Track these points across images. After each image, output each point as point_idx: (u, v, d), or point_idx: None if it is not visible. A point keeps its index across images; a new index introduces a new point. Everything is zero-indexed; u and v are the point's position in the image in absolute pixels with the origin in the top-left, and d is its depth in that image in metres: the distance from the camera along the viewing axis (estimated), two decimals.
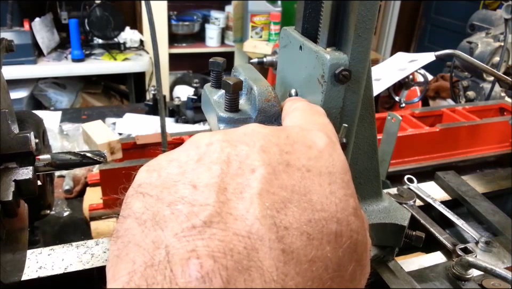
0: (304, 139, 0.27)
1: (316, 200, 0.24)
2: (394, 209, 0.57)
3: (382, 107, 1.44)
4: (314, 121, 0.32)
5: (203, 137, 0.27)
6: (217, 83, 0.44)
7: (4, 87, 0.45)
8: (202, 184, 0.24)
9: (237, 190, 0.23)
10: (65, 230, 0.87)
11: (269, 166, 0.24)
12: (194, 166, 0.25)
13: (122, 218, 0.25)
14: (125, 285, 0.20)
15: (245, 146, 0.26)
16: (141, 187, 0.25)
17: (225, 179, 0.24)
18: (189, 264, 0.20)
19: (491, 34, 1.47)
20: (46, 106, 2.62)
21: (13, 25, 2.44)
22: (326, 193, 0.25)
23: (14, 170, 0.41)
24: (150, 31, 0.74)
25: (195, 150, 0.26)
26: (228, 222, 0.22)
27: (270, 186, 0.24)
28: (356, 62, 0.39)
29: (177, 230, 0.22)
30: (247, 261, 0.20)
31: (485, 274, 0.60)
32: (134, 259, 0.22)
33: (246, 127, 0.28)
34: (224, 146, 0.26)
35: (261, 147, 0.25)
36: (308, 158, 0.26)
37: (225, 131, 0.27)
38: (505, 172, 0.97)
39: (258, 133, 0.27)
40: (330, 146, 0.28)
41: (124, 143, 0.95)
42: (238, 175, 0.24)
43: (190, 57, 3.35)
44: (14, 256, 0.45)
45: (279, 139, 0.27)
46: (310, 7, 0.43)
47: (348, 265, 0.24)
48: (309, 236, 0.22)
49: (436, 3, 3.85)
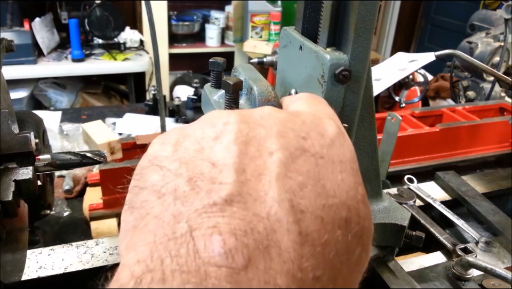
0: (317, 127, 0.27)
1: (329, 187, 0.24)
2: (394, 209, 0.57)
3: (382, 107, 1.44)
4: (321, 109, 0.32)
5: (219, 115, 0.27)
6: (217, 83, 0.44)
7: (4, 87, 0.45)
8: (222, 162, 0.24)
9: (255, 172, 0.24)
10: (65, 230, 0.87)
11: (286, 150, 0.25)
12: (211, 144, 0.25)
13: (138, 188, 0.25)
14: (148, 255, 0.20)
15: (263, 129, 0.26)
16: (157, 159, 0.25)
17: (243, 160, 0.24)
18: (212, 240, 0.20)
19: (491, 34, 1.47)
20: (46, 106, 2.62)
21: (13, 25, 2.44)
22: (337, 181, 0.25)
23: (14, 170, 0.41)
24: (150, 31, 0.74)
25: (211, 127, 0.26)
26: (248, 202, 0.22)
27: (288, 170, 0.24)
28: (355, 62, 0.39)
29: (198, 206, 0.22)
30: (266, 241, 0.21)
31: (485, 274, 0.60)
32: (154, 231, 0.22)
33: (262, 109, 0.28)
34: (242, 127, 0.26)
35: (278, 131, 0.26)
36: (321, 145, 0.26)
37: (241, 112, 0.27)
38: (505, 172, 0.97)
39: (275, 117, 0.27)
40: (341, 135, 0.28)
41: (123, 143, 0.95)
42: (256, 157, 0.24)
43: (190, 57, 3.35)
44: (14, 256, 0.45)
45: (295, 124, 0.27)
46: (310, 7, 0.43)
47: (355, 250, 0.24)
48: (322, 220, 0.23)
49: (436, 3, 3.85)
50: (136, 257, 0.21)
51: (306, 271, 0.21)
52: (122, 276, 0.20)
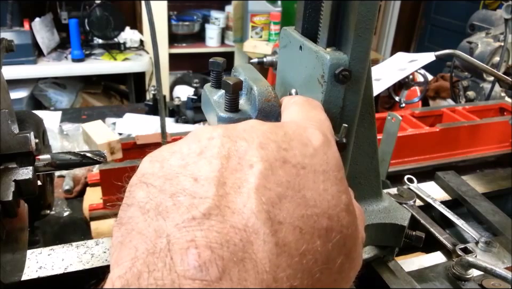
0: (301, 137, 0.28)
1: (310, 197, 0.25)
2: (394, 209, 0.57)
3: (382, 107, 1.44)
4: (312, 117, 0.33)
5: (205, 131, 0.28)
6: (217, 83, 0.44)
7: (4, 87, 0.45)
8: (203, 177, 0.24)
9: (235, 185, 0.24)
10: (65, 230, 0.87)
11: (266, 162, 0.25)
12: (195, 159, 0.26)
13: (126, 205, 0.26)
14: (128, 270, 0.21)
15: (244, 142, 0.26)
16: (145, 177, 0.26)
17: (224, 174, 0.25)
18: (188, 253, 0.21)
19: (491, 34, 1.47)
20: (46, 106, 2.62)
21: (13, 25, 2.44)
22: (319, 190, 0.26)
23: (14, 170, 0.41)
24: (150, 31, 0.74)
25: (197, 143, 0.27)
26: (226, 215, 0.23)
27: (267, 181, 0.24)
28: (355, 62, 0.39)
29: (178, 221, 0.22)
30: (242, 253, 0.21)
31: (485, 274, 0.60)
32: (136, 246, 0.22)
33: (246, 123, 0.29)
34: (224, 141, 0.26)
35: (259, 143, 0.26)
36: (303, 155, 0.27)
37: (226, 127, 0.28)
38: (505, 172, 0.97)
39: (257, 129, 0.28)
40: (325, 144, 0.28)
41: (123, 143, 0.95)
42: (237, 170, 0.25)
43: (190, 57, 3.35)
44: (14, 256, 0.45)
45: (277, 136, 0.27)
46: (310, 7, 0.43)
47: (337, 258, 0.25)
48: (301, 230, 0.24)
49: (436, 3, 3.85)
50: (118, 272, 0.21)
51: (281, 281, 0.22)
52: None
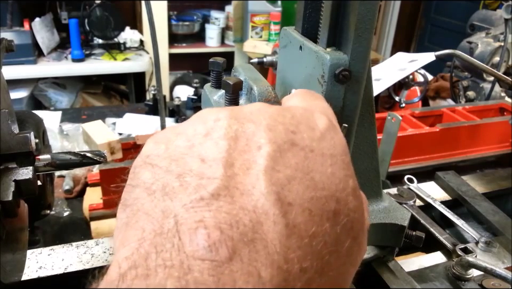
0: (308, 120, 0.28)
1: (318, 179, 0.25)
2: (394, 209, 0.57)
3: (382, 107, 1.43)
4: (316, 104, 0.33)
5: (210, 112, 0.27)
6: (217, 83, 0.44)
7: (4, 87, 0.45)
8: (210, 158, 0.24)
9: (243, 166, 0.24)
10: (65, 230, 0.87)
11: (275, 144, 0.25)
12: (201, 140, 0.25)
13: (131, 187, 0.25)
14: (135, 251, 0.21)
15: (252, 124, 0.26)
16: (149, 158, 0.26)
17: (232, 155, 0.24)
18: (197, 234, 0.21)
19: (491, 34, 1.47)
20: (46, 106, 2.62)
21: (13, 25, 2.44)
22: (327, 174, 0.25)
23: (14, 170, 0.41)
24: (150, 31, 0.74)
25: (202, 124, 0.26)
26: (235, 196, 0.22)
27: (276, 163, 0.24)
28: (355, 62, 0.39)
29: (185, 201, 0.22)
30: (252, 233, 0.21)
31: (485, 274, 0.60)
32: (143, 227, 0.22)
33: (252, 105, 0.28)
34: (231, 123, 0.26)
35: (267, 125, 0.26)
36: (311, 138, 0.26)
37: (232, 109, 0.28)
38: (505, 172, 0.97)
39: (265, 112, 0.27)
40: (332, 128, 0.28)
41: (123, 143, 0.95)
42: (245, 151, 0.25)
43: (190, 57, 3.35)
44: (14, 256, 0.45)
45: (285, 118, 0.27)
46: (310, 7, 0.43)
47: (345, 241, 0.25)
48: (310, 212, 0.23)
49: (436, 3, 3.85)
50: (125, 253, 0.21)
51: (292, 263, 0.22)
52: (110, 272, 0.21)
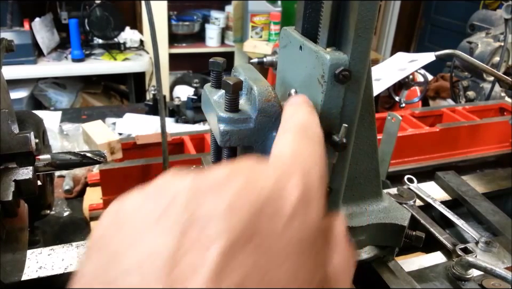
0: (277, 200, 0.24)
1: (278, 279, 0.22)
2: (394, 209, 0.57)
3: (382, 107, 1.43)
4: (302, 154, 0.28)
5: (172, 182, 0.24)
6: (217, 83, 0.44)
7: (4, 87, 0.45)
8: (153, 256, 0.21)
9: (189, 267, 0.21)
10: (65, 230, 0.87)
11: (230, 238, 0.22)
12: (152, 227, 0.23)
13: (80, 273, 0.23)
14: None
15: (212, 204, 0.23)
16: (99, 243, 0.24)
17: (178, 253, 0.21)
18: None
19: (491, 34, 1.47)
20: (46, 106, 2.62)
21: (13, 25, 2.44)
22: (288, 273, 0.22)
23: (14, 170, 0.41)
24: (150, 31, 0.74)
25: (160, 200, 0.24)
26: None
27: (227, 264, 0.21)
28: (356, 62, 0.39)
29: None
30: None
31: (485, 274, 0.60)
32: None
33: (222, 171, 0.25)
34: (188, 202, 0.23)
35: (228, 207, 0.23)
36: (274, 228, 0.23)
37: (195, 178, 0.24)
38: (505, 172, 0.97)
39: (233, 184, 0.24)
40: (305, 204, 0.25)
41: (124, 143, 0.95)
42: (194, 247, 0.22)
43: (190, 57, 3.35)
44: (14, 256, 0.45)
45: (250, 197, 0.24)
46: (310, 7, 0.43)
47: None
48: None
49: (436, 3, 3.85)
50: None
51: None
52: None
